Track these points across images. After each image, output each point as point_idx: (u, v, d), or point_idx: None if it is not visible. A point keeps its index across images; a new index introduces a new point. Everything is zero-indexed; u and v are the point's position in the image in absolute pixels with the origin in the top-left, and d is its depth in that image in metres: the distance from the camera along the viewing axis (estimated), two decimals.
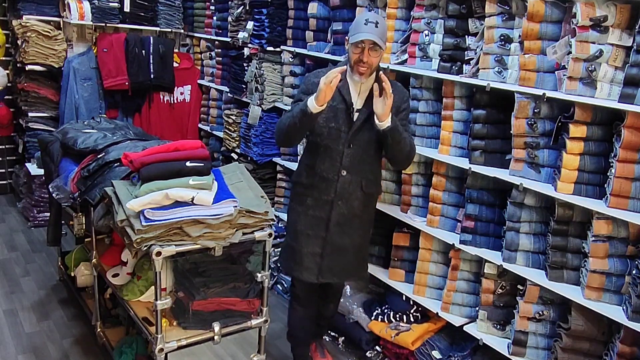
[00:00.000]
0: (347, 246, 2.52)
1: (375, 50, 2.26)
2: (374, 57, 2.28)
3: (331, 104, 2.35)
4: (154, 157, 2.17)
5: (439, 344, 2.74)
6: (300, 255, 2.52)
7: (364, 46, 2.24)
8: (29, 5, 4.31)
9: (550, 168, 2.28)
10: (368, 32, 2.22)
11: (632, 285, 2.04)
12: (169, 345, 2.18)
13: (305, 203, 2.49)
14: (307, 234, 2.50)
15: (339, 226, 2.47)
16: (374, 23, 2.24)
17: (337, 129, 2.38)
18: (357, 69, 2.30)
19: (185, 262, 2.30)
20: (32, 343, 2.93)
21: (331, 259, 2.51)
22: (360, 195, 2.47)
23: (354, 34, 2.26)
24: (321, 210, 2.47)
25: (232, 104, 4.32)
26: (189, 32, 5.06)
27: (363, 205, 2.50)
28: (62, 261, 3.47)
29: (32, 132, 4.45)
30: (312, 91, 2.34)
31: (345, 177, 2.41)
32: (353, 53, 2.28)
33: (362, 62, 2.27)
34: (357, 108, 2.38)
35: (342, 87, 2.36)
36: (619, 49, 2.02)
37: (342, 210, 2.46)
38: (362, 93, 2.38)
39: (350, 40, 2.28)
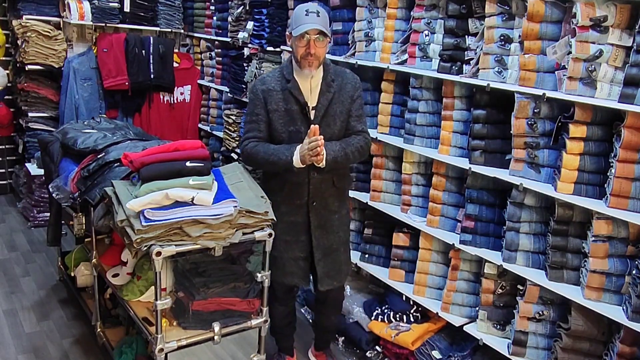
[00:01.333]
0: (335, 245, 2.50)
1: (321, 40, 2.23)
2: (321, 48, 2.24)
3: (285, 107, 2.34)
4: (154, 157, 2.18)
5: (439, 344, 2.74)
6: (282, 261, 2.49)
7: (310, 37, 2.21)
8: (29, 5, 4.31)
9: (550, 168, 2.27)
10: (311, 22, 2.18)
11: (632, 285, 2.04)
12: (169, 345, 2.18)
13: (279, 210, 2.40)
14: (286, 240, 2.46)
15: (320, 228, 2.45)
16: (315, 12, 2.20)
17: (296, 131, 2.34)
18: (305, 62, 2.26)
19: (185, 262, 2.30)
20: (32, 343, 2.93)
21: (325, 264, 2.49)
22: (333, 191, 2.45)
23: (297, 27, 2.22)
24: (297, 214, 2.43)
25: (232, 104, 4.32)
26: (189, 32, 5.06)
27: (338, 201, 2.49)
28: (62, 261, 3.47)
29: (32, 132, 4.45)
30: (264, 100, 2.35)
31: (316, 177, 2.38)
32: (298, 47, 2.24)
33: (309, 55, 2.23)
34: (312, 106, 2.35)
35: (292, 88, 2.32)
36: (619, 49, 2.02)
37: (319, 210, 2.43)
38: (314, 89, 2.35)
39: (294, 33, 2.24)
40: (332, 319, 2.80)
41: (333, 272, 2.52)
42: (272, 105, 2.36)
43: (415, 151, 2.76)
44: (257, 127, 2.40)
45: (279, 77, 2.39)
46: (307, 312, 3.31)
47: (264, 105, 2.37)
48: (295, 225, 2.45)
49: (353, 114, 2.42)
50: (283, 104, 2.34)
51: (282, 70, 2.40)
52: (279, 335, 2.81)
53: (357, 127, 2.44)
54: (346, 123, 2.42)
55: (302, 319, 3.22)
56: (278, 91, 2.36)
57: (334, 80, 2.38)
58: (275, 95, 2.36)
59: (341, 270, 2.56)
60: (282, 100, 2.35)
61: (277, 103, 2.35)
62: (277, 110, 2.35)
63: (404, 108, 2.87)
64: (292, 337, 2.85)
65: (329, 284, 2.52)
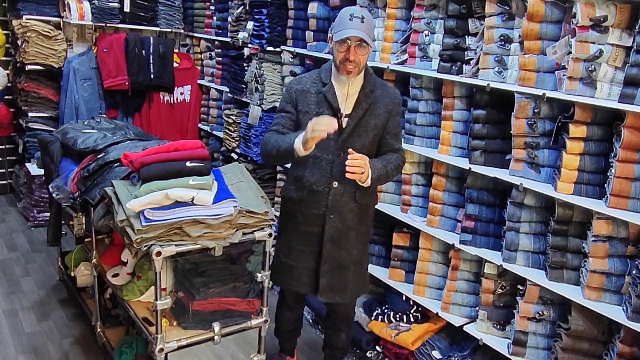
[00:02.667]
0: (346, 262, 2.38)
1: (363, 47, 2.12)
2: (362, 55, 2.14)
3: (317, 110, 2.24)
4: (154, 157, 2.18)
5: (439, 344, 2.74)
6: (297, 271, 2.41)
7: (350, 44, 2.11)
8: (29, 5, 4.31)
9: (550, 168, 2.27)
10: (353, 28, 2.08)
11: (632, 285, 2.04)
12: (169, 345, 2.18)
13: (295, 219, 2.37)
14: (301, 249, 2.38)
15: (333, 242, 2.33)
16: (360, 18, 2.10)
17: (325, 138, 2.19)
18: (343, 68, 2.16)
19: (185, 262, 2.30)
20: (32, 343, 2.93)
21: (330, 277, 2.37)
22: (354, 206, 2.31)
23: (339, 31, 2.12)
24: (313, 225, 2.33)
25: (232, 104, 4.32)
26: (189, 32, 5.06)
27: (358, 218, 2.35)
28: (62, 261, 3.47)
29: (32, 132, 4.45)
30: (296, 100, 2.28)
31: (337, 189, 2.27)
32: (338, 52, 2.15)
33: (348, 61, 2.13)
34: (346, 113, 2.24)
35: (327, 92, 2.23)
36: (619, 49, 2.02)
37: (335, 224, 2.31)
38: (350, 96, 2.24)
39: (335, 37, 2.14)
40: (342, 337, 2.67)
41: (337, 288, 2.39)
42: (303, 107, 2.27)
43: (415, 151, 2.76)
44: (283, 122, 2.31)
45: (315, 79, 2.29)
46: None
47: (294, 105, 2.29)
48: (310, 235, 2.35)
49: (390, 130, 2.31)
50: (315, 107, 2.25)
51: (321, 72, 2.31)
52: (283, 338, 2.79)
53: (394, 145, 2.33)
54: (379, 137, 2.30)
55: None
56: (312, 93, 2.27)
57: (373, 91, 2.26)
58: (308, 97, 2.27)
59: (346, 288, 2.41)
60: (314, 103, 2.26)
61: (309, 105, 2.26)
62: (308, 113, 2.25)
63: (404, 108, 2.86)
64: (295, 341, 2.83)
65: (329, 297, 2.40)
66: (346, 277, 2.41)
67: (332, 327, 2.67)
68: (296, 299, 2.62)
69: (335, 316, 2.63)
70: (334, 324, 2.66)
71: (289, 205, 2.43)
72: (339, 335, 2.67)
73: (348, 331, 2.71)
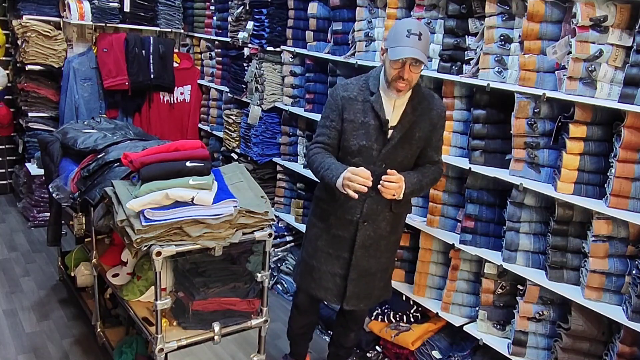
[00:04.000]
0: (373, 270, 2.36)
1: (417, 65, 2.04)
2: (415, 73, 2.06)
3: (362, 119, 2.18)
4: (154, 157, 2.17)
5: (439, 344, 2.74)
6: (319, 274, 2.38)
7: (405, 61, 2.02)
8: (29, 5, 4.31)
9: (550, 168, 2.28)
10: (411, 47, 1.99)
11: (632, 285, 2.04)
12: (169, 345, 2.18)
13: (327, 221, 2.34)
14: (328, 252, 2.35)
15: (364, 249, 2.30)
16: (417, 35, 2.00)
17: (368, 147, 2.17)
18: (395, 85, 2.08)
19: (185, 262, 2.30)
20: (32, 343, 2.93)
21: (357, 285, 2.35)
22: (388, 216, 2.29)
23: (394, 47, 2.02)
24: (345, 230, 2.29)
25: (232, 104, 4.32)
26: (189, 32, 5.06)
27: (391, 227, 2.32)
28: (62, 261, 3.47)
29: (32, 132, 4.45)
30: (342, 108, 2.21)
31: (373, 198, 2.21)
32: (392, 68, 2.05)
33: (401, 79, 2.05)
34: (392, 125, 2.17)
35: (375, 102, 2.16)
36: (619, 49, 2.02)
37: (368, 231, 2.28)
38: (397, 108, 2.17)
39: (390, 55, 2.03)
40: (350, 337, 2.66)
41: (362, 295, 2.39)
42: (349, 115, 2.20)
43: None
44: (328, 133, 2.24)
45: (363, 87, 2.22)
46: None
47: (340, 113, 2.21)
48: (340, 240, 2.32)
49: (433, 143, 2.27)
50: (361, 115, 2.18)
51: (368, 80, 2.22)
52: (293, 341, 2.76)
53: (434, 158, 2.29)
54: (421, 149, 2.26)
55: None
56: (359, 102, 2.19)
57: (421, 103, 2.20)
58: (355, 105, 2.20)
59: (371, 295, 2.42)
60: (361, 111, 2.19)
61: (355, 114, 2.19)
62: (354, 122, 2.19)
63: None
64: (307, 346, 2.79)
65: (354, 305, 2.39)
66: (372, 284, 2.39)
67: (343, 326, 2.66)
68: (310, 303, 2.57)
69: (351, 317, 2.61)
70: (346, 324, 2.64)
71: (321, 206, 2.38)
72: (348, 335, 2.67)
73: (358, 332, 2.70)
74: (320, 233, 2.37)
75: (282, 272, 3.66)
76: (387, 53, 2.08)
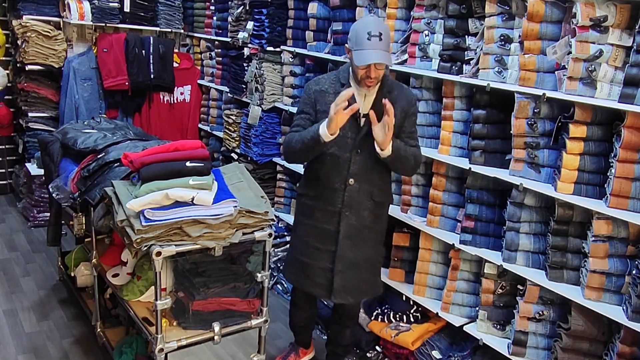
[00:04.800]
0: (359, 261, 2.40)
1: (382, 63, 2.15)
2: (381, 70, 2.19)
3: None
4: (154, 157, 2.18)
5: (439, 344, 2.74)
6: (312, 270, 2.43)
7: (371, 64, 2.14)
8: (29, 5, 4.31)
9: (550, 168, 2.27)
10: (374, 50, 2.10)
11: (632, 285, 2.04)
12: (169, 345, 2.18)
13: (313, 215, 2.40)
14: (317, 247, 2.40)
15: (349, 239, 2.36)
16: (378, 36, 2.10)
17: (343, 136, 2.25)
18: (363, 83, 2.21)
19: (185, 262, 2.30)
20: (32, 343, 2.93)
21: (344, 277, 2.39)
22: (370, 204, 2.36)
23: (358, 51, 2.13)
24: (329, 222, 2.36)
25: (232, 104, 4.32)
26: (189, 32, 5.06)
27: (374, 215, 2.39)
28: (62, 261, 3.47)
29: (32, 132, 4.45)
30: (314, 100, 2.31)
31: (353, 186, 2.31)
32: (359, 69, 2.18)
33: (369, 78, 2.18)
34: (364, 113, 2.27)
35: None
36: (619, 49, 2.02)
37: (351, 221, 2.34)
38: (368, 97, 2.29)
39: (355, 61, 2.16)
40: (346, 334, 2.70)
41: (350, 288, 2.42)
42: (322, 107, 2.31)
43: None
44: (303, 124, 2.35)
45: (334, 80, 2.35)
46: None
47: (313, 105, 2.34)
48: (326, 233, 2.37)
49: (406, 130, 2.35)
50: None
51: (339, 74, 2.36)
52: (296, 332, 2.84)
53: (410, 143, 2.36)
54: (395, 137, 2.29)
55: None
56: (331, 94, 2.30)
57: (390, 92, 2.31)
58: (327, 97, 2.31)
59: (359, 288, 2.46)
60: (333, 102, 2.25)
61: (328, 105, 2.25)
62: (327, 112, 2.23)
63: None
64: (310, 333, 2.86)
65: (342, 298, 2.43)
66: (359, 277, 2.43)
67: (338, 323, 2.71)
68: (306, 299, 2.64)
69: (343, 313, 2.67)
70: (340, 320, 2.70)
71: (305, 202, 2.46)
72: (344, 332, 2.71)
73: (353, 328, 2.74)
74: (308, 229, 2.43)
75: (282, 272, 3.66)
76: (352, 55, 2.18)
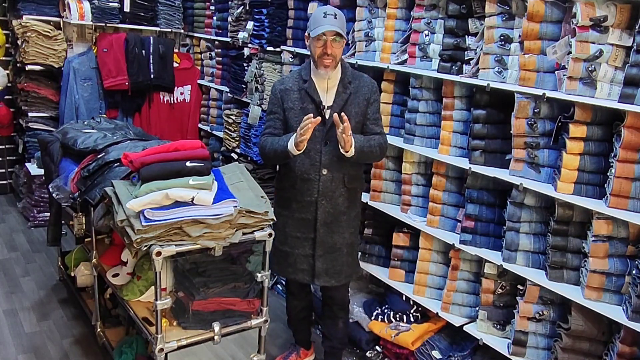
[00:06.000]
0: (339, 245, 2.53)
1: (338, 41, 2.31)
2: (337, 49, 2.33)
3: (301, 106, 2.42)
4: (154, 157, 2.18)
5: (439, 344, 2.74)
6: (293, 257, 2.54)
7: (326, 39, 2.30)
8: (29, 5, 4.31)
9: (550, 168, 2.27)
10: (329, 24, 2.27)
11: (632, 285, 2.04)
12: (169, 345, 2.18)
13: (290, 207, 2.51)
14: (297, 236, 2.52)
15: (326, 226, 2.48)
16: (332, 15, 2.29)
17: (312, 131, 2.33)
18: (321, 62, 2.34)
19: (185, 262, 2.30)
20: (32, 343, 2.93)
21: (325, 261, 2.52)
22: (343, 191, 2.48)
23: (315, 28, 2.30)
24: (306, 211, 2.48)
25: (232, 104, 4.32)
26: (189, 32, 5.06)
27: (348, 202, 2.51)
28: (62, 261, 3.47)
29: (32, 132, 4.46)
30: (281, 99, 2.45)
31: (326, 176, 2.43)
32: (316, 47, 2.33)
33: (326, 55, 2.32)
34: (328, 105, 2.42)
35: (308, 88, 2.41)
36: (619, 49, 2.02)
37: (327, 208, 2.47)
38: (330, 89, 2.42)
39: (312, 34, 2.32)
40: (340, 325, 2.75)
41: (332, 271, 2.54)
42: (288, 104, 2.45)
43: (415, 151, 2.76)
44: (273, 124, 2.50)
45: (297, 78, 2.48)
46: None
47: (280, 104, 2.47)
48: (304, 222, 2.49)
49: (370, 117, 2.49)
50: (299, 102, 2.43)
51: (301, 71, 2.50)
52: (296, 328, 2.88)
53: (375, 130, 2.50)
54: (361, 125, 2.48)
55: None
56: (295, 91, 2.45)
57: (351, 82, 2.44)
58: (292, 95, 2.45)
59: (341, 271, 2.57)
60: (298, 99, 2.44)
61: (294, 102, 2.44)
62: (293, 109, 2.44)
63: (404, 108, 2.87)
64: (308, 331, 2.91)
65: (326, 281, 2.55)
66: (340, 260, 2.56)
67: (330, 316, 2.76)
68: (300, 286, 2.72)
69: (333, 303, 2.73)
70: (331, 311, 2.75)
71: (282, 195, 2.57)
72: (337, 324, 2.76)
73: (345, 318, 2.80)
74: (287, 220, 2.54)
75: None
76: (310, 37, 2.35)
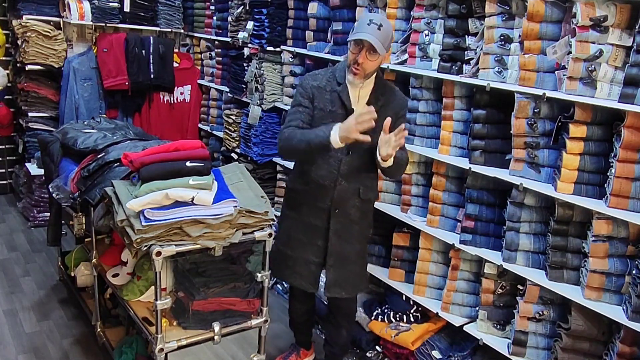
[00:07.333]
0: (350, 255, 2.47)
1: (373, 54, 2.18)
2: (371, 61, 2.21)
3: (330, 108, 2.32)
4: (154, 157, 2.17)
5: (439, 344, 2.74)
6: (292, 261, 2.49)
7: (363, 46, 2.18)
8: (29, 5, 4.30)
9: (550, 168, 2.27)
10: (368, 33, 2.15)
11: (632, 285, 2.04)
12: (169, 345, 2.18)
13: (300, 210, 2.45)
14: (301, 240, 2.46)
15: (338, 235, 2.42)
16: (377, 25, 2.16)
17: None
18: (350, 69, 2.25)
19: (185, 262, 2.30)
20: (32, 343, 2.93)
21: (337, 271, 2.45)
22: (357, 202, 2.41)
23: (355, 32, 2.20)
24: (317, 218, 2.41)
25: (232, 104, 4.32)
26: (189, 32, 5.06)
27: (361, 212, 2.45)
28: (62, 261, 3.47)
29: (32, 132, 4.45)
30: (312, 96, 2.33)
31: (342, 185, 2.36)
32: (351, 52, 2.23)
33: (356, 64, 2.21)
34: None
35: (341, 92, 2.31)
36: (619, 49, 2.02)
37: (339, 218, 2.40)
38: (362, 99, 2.33)
39: (350, 36, 2.23)
40: (342, 333, 2.71)
41: (342, 281, 2.48)
42: (319, 103, 2.34)
43: (415, 151, 2.76)
44: (302, 117, 2.34)
45: (330, 78, 2.37)
46: None
47: (311, 100, 2.35)
48: (313, 228, 2.43)
49: None
50: (329, 104, 2.32)
51: (335, 72, 2.38)
52: (297, 329, 2.86)
53: None
54: None
55: None
56: (327, 91, 2.34)
57: (383, 95, 2.35)
58: (324, 95, 2.34)
59: (351, 282, 2.51)
60: (329, 101, 2.33)
61: (324, 102, 2.33)
62: (322, 110, 2.33)
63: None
64: (309, 333, 2.89)
65: (336, 292, 2.49)
66: (350, 271, 2.49)
67: (334, 324, 2.72)
68: (303, 292, 2.65)
69: (338, 312, 2.68)
70: (335, 320, 2.71)
71: (293, 196, 2.50)
72: (340, 332, 2.72)
73: (349, 327, 2.75)
74: (293, 223, 2.48)
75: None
76: (349, 38, 2.24)
